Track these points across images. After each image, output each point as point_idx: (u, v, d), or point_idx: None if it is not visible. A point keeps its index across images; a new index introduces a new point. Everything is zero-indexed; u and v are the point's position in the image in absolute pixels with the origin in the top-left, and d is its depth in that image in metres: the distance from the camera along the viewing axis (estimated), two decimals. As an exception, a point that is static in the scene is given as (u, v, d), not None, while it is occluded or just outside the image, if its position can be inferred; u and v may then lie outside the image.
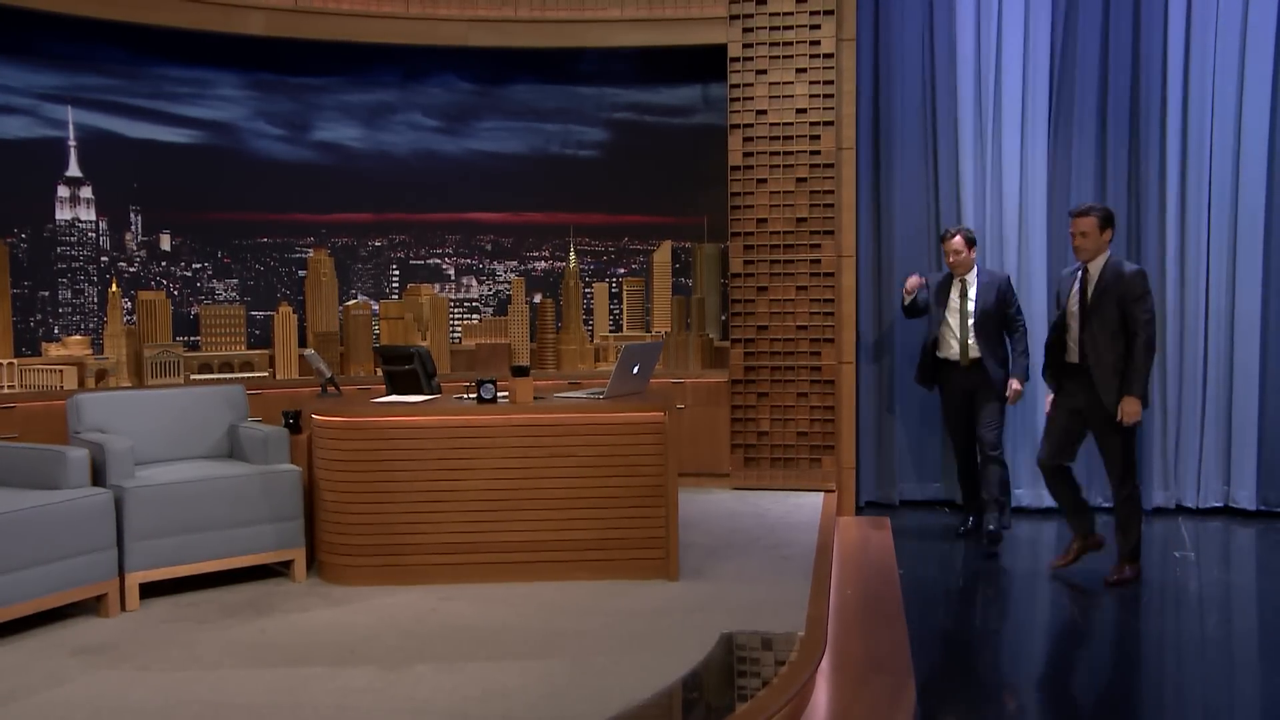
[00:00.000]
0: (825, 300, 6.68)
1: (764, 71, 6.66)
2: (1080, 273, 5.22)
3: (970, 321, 6.13)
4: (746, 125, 6.72)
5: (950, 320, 6.19)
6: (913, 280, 6.34)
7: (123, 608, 4.35)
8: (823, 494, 6.55)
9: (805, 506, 6.26)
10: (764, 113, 6.68)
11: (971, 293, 6.15)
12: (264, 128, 7.16)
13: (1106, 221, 5.17)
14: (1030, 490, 6.81)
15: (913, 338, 7.00)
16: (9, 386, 6.15)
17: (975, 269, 6.21)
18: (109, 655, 3.84)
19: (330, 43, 6.81)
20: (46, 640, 4.00)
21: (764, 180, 6.72)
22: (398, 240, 7.51)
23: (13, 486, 4.39)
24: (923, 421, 7.01)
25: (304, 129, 7.23)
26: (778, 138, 6.68)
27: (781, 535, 5.57)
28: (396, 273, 7.54)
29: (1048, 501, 6.51)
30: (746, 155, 6.73)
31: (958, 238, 6.14)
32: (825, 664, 3.88)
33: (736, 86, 6.71)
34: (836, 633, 4.20)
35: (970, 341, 6.12)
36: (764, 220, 6.74)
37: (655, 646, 3.89)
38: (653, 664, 3.69)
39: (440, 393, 5.22)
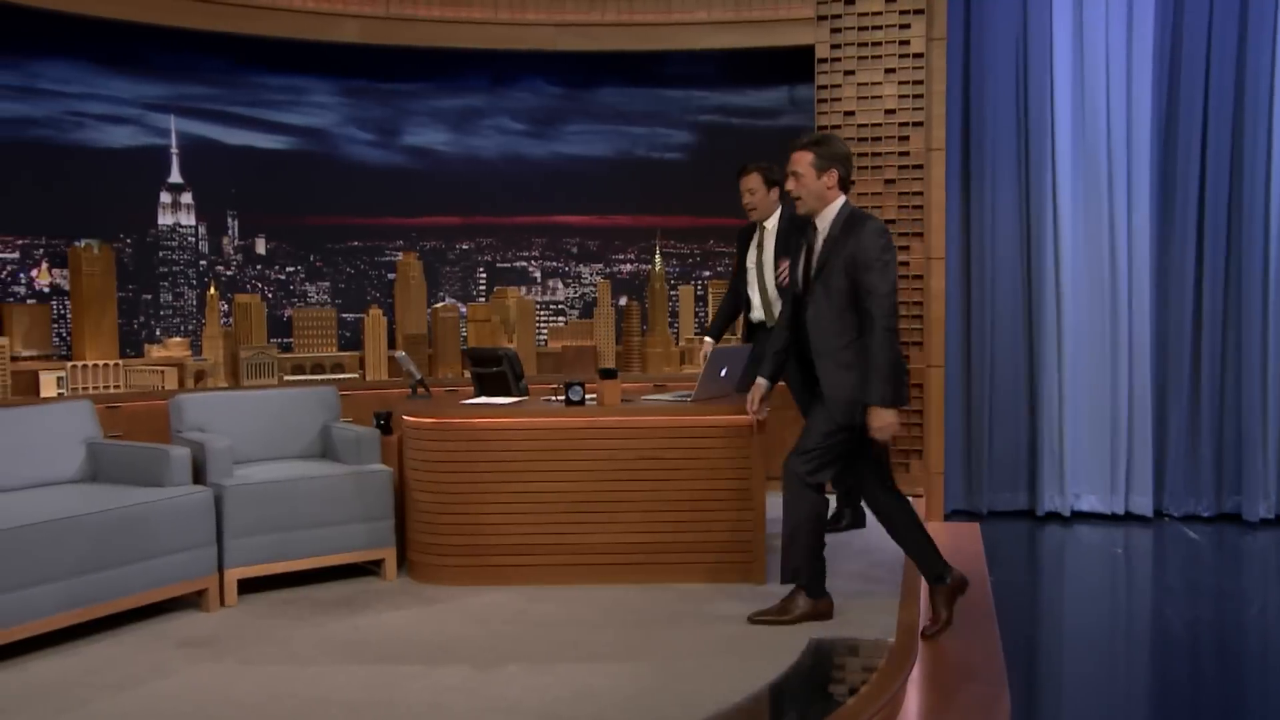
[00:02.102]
0: (914, 303, 6.59)
1: (852, 72, 6.59)
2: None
3: (769, 277, 5.31)
4: (834, 126, 6.65)
5: (750, 276, 5.43)
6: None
7: (222, 603, 4.46)
8: (910, 499, 6.44)
9: (893, 512, 6.15)
10: (852, 114, 6.61)
11: (769, 243, 5.33)
12: (356, 133, 7.30)
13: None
14: (1101, 496, 6.65)
15: (1006, 341, 6.89)
16: (114, 387, 6.36)
17: (777, 213, 5.33)
18: (211, 649, 3.94)
19: (420, 49, 6.93)
20: (152, 633, 4.12)
21: (852, 182, 6.61)
22: (485, 243, 7.61)
23: (119, 483, 4.53)
24: (1014, 429, 6.88)
25: (394, 134, 7.37)
26: (865, 139, 6.60)
27: (870, 540, 5.49)
28: (483, 275, 7.63)
29: (1124, 506, 6.33)
30: (834, 157, 6.66)
31: (753, 175, 5.31)
32: (917, 672, 3.82)
33: (824, 88, 6.65)
34: (928, 640, 4.13)
35: (774, 299, 5.28)
36: (852, 222, 6.66)
37: (743, 651, 3.87)
38: (741, 669, 3.68)
39: (528, 395, 5.27)
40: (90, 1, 6.01)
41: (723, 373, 5.00)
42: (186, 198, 6.98)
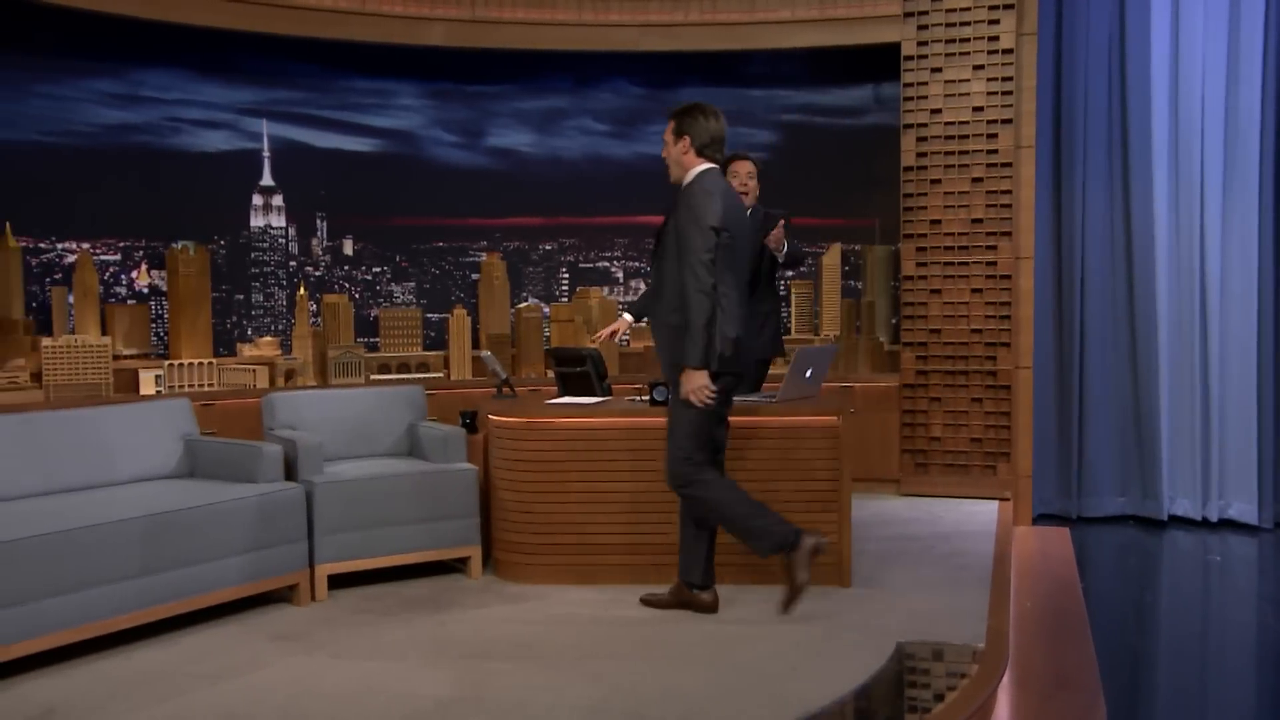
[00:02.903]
0: (1001, 303, 6.49)
1: (939, 69, 6.51)
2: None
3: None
4: (920, 125, 6.59)
5: None
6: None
7: (312, 598, 4.55)
8: (997, 502, 6.35)
9: (979, 515, 6.08)
10: (939, 111, 6.53)
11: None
12: (441, 135, 7.40)
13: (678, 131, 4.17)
14: (1194, 501, 6.47)
15: (1097, 342, 6.74)
16: (208, 385, 6.53)
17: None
18: (303, 642, 4.03)
19: (505, 51, 6.99)
20: (246, 626, 4.22)
21: (938, 181, 6.57)
22: (567, 243, 7.66)
23: (215, 479, 4.66)
24: (1105, 432, 6.73)
25: (478, 135, 7.45)
26: (953, 137, 6.52)
27: (956, 543, 5.43)
28: (566, 276, 7.68)
29: (1222, 513, 6.15)
30: (920, 155, 6.60)
31: (749, 162, 5.20)
32: (1007, 678, 3.76)
33: (910, 85, 6.58)
34: (1018, 646, 4.06)
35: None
36: (938, 222, 6.59)
37: (829, 653, 3.84)
38: (827, 671, 3.65)
39: (611, 395, 5.29)
40: (187, 10, 6.18)
41: (808, 374, 4.96)
42: (277, 200, 7.14)
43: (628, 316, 5.03)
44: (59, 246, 6.48)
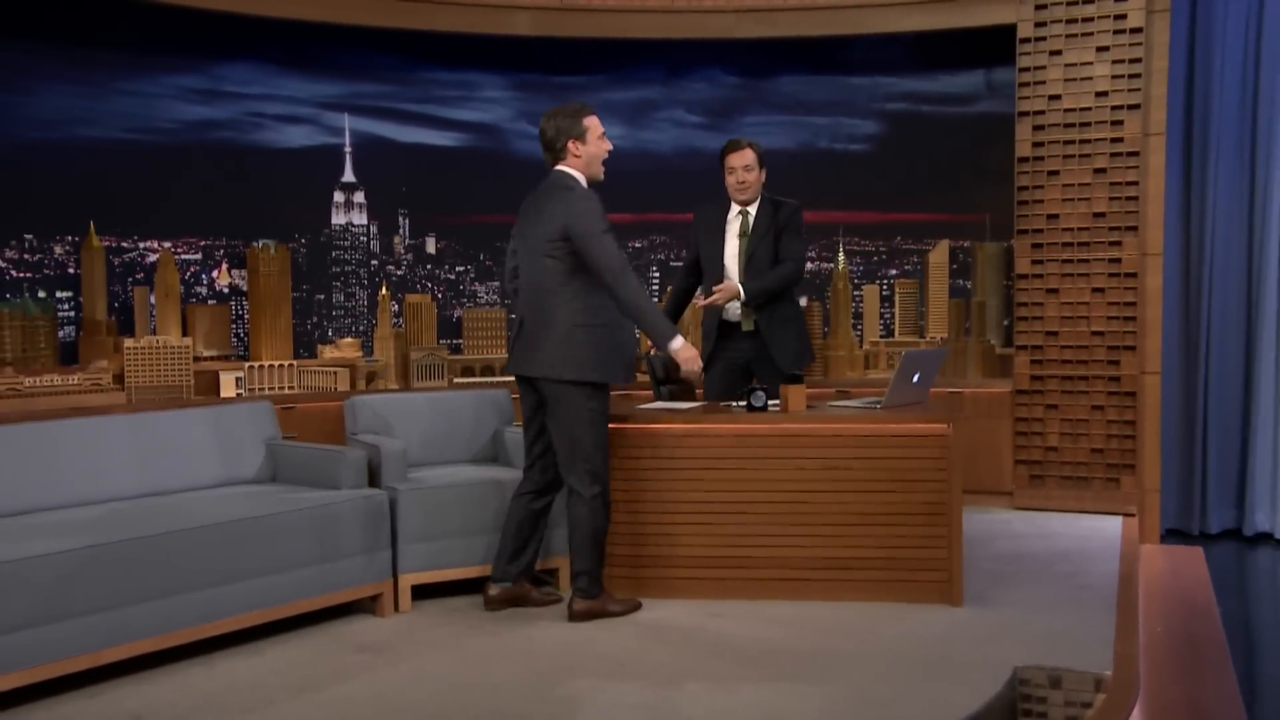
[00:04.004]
0: (1126, 303, 6.33)
1: (1059, 52, 6.37)
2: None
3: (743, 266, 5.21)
4: (1037, 112, 6.45)
5: (726, 267, 5.28)
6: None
7: (396, 608, 4.62)
8: (1121, 518, 6.20)
9: (1101, 531, 5.93)
10: (1058, 98, 6.39)
11: (752, 229, 5.28)
12: (527, 129, 7.46)
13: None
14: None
15: (1223, 346, 6.55)
16: (289, 387, 6.68)
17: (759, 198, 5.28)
18: (387, 654, 4.09)
19: (594, 40, 7.02)
20: (330, 636, 4.30)
21: (1056, 172, 6.43)
22: (658, 241, 7.66)
23: (297, 484, 4.76)
24: (1234, 442, 6.53)
25: (566, 129, 7.48)
26: (1073, 125, 6.37)
27: (1076, 562, 5.31)
28: (656, 275, 7.68)
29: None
30: (1036, 145, 6.46)
31: (749, 150, 5.25)
32: (1138, 710, 3.66)
33: (1027, 70, 6.45)
34: (1149, 675, 3.95)
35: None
36: (1055, 216, 6.45)
37: (941, 677, 3.78)
38: (940, 696, 3.59)
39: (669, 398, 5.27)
40: (270, 2, 6.32)
41: (915, 378, 4.90)
42: (359, 197, 7.27)
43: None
44: (141, 246, 6.68)
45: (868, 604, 4.59)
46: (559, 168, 4.59)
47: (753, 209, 5.32)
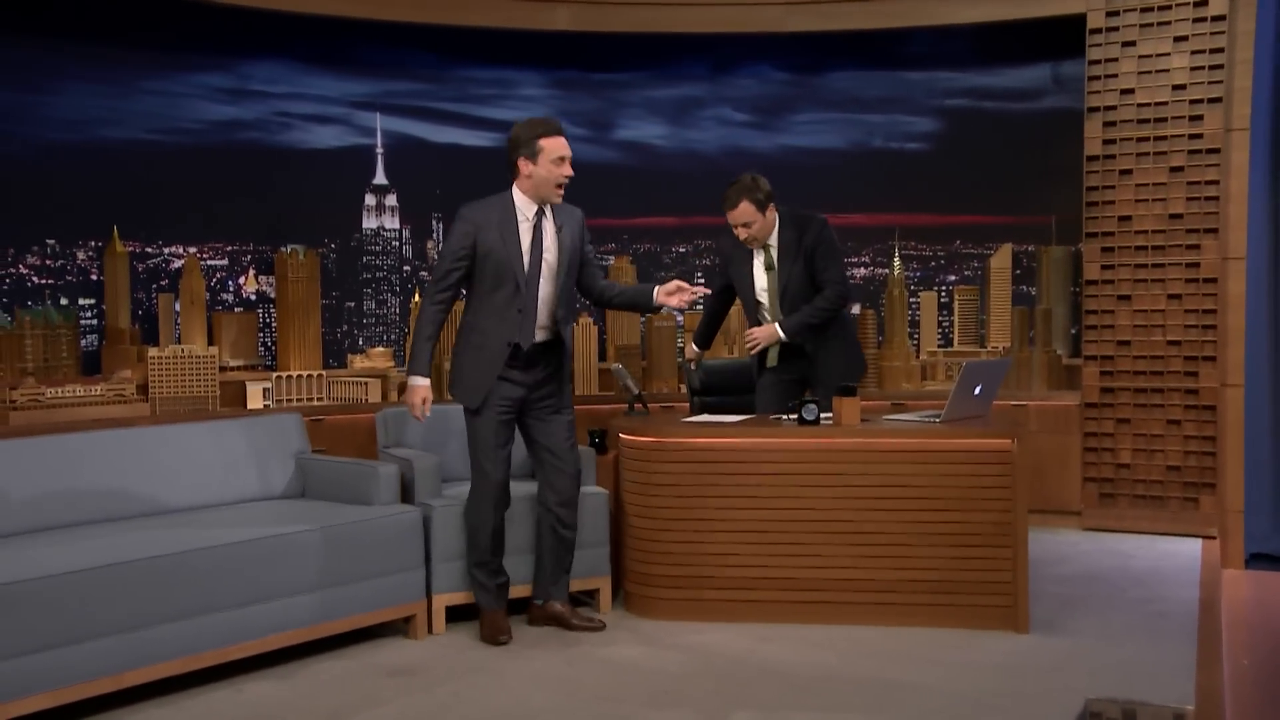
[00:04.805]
0: (1205, 311, 6.25)
1: (1132, 43, 6.31)
2: None
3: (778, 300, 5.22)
4: (1108, 108, 6.39)
5: (761, 303, 5.32)
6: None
7: (430, 630, 4.63)
8: (1200, 540, 6.11)
9: (1179, 554, 5.85)
10: (1131, 92, 6.33)
11: (777, 263, 5.26)
12: (566, 128, 7.44)
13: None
14: None
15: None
16: (318, 398, 6.73)
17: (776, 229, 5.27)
18: (422, 679, 4.10)
19: (636, 35, 7.04)
20: (361, 659, 4.32)
21: (1128, 171, 6.37)
22: (703, 245, 7.66)
23: (327, 500, 4.78)
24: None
25: (607, 128, 7.52)
26: (1147, 120, 6.31)
27: (1152, 587, 5.23)
28: (702, 281, 7.66)
29: None
30: (1107, 143, 6.41)
31: (742, 206, 5.23)
32: (1222, 748, 3.60)
33: (1097, 63, 6.40)
34: (1235, 710, 3.87)
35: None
36: (1128, 218, 6.39)
37: (1007, 709, 3.73)
38: (1006, 730, 3.55)
39: (754, 412, 5.26)
40: (299, -3, 6.40)
41: (977, 390, 4.86)
42: (391, 200, 7.32)
43: (695, 347, 5.67)
44: (165, 251, 6.76)
45: (926, 630, 4.54)
46: (509, 190, 4.72)
47: (774, 239, 5.28)
